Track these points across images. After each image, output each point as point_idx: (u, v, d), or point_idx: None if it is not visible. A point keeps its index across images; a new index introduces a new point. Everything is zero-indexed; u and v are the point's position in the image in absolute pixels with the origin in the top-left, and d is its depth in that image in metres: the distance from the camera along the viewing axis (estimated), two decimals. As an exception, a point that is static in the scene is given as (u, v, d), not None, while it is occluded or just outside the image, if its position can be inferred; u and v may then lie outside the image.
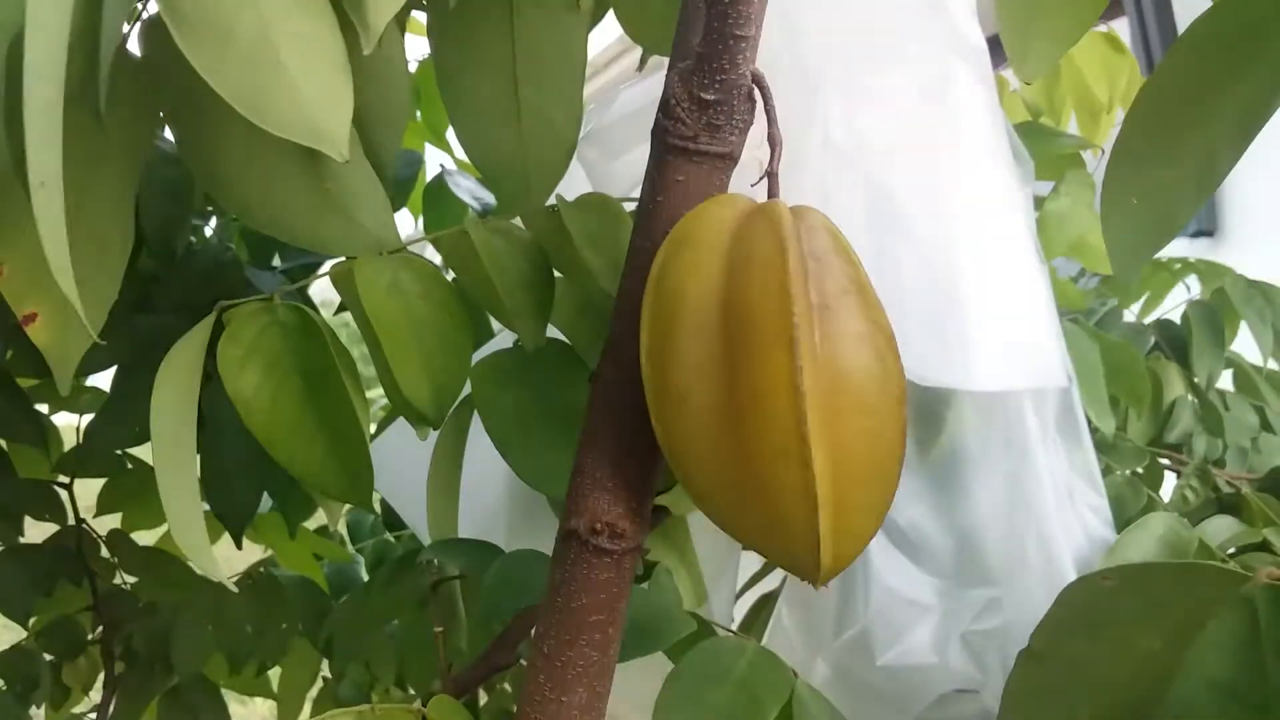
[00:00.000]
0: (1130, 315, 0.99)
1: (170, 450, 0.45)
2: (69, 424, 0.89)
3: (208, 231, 0.89)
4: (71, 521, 0.86)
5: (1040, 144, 0.83)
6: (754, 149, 0.36)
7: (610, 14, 0.53)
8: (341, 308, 0.52)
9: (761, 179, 0.33)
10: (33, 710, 0.89)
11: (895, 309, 0.53)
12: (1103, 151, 0.92)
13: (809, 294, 0.29)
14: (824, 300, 0.29)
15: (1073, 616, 0.36)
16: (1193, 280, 0.97)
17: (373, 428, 0.73)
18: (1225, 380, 0.93)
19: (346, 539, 1.13)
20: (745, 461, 0.29)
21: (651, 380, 0.31)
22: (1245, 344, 0.90)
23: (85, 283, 0.42)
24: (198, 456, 0.50)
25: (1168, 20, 1.94)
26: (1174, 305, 0.96)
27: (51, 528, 0.86)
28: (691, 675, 0.45)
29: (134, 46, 0.44)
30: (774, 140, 0.34)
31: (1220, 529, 0.66)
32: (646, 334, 0.32)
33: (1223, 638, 0.32)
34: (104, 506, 0.92)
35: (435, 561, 0.73)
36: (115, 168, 0.43)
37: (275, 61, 0.37)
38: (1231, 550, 0.66)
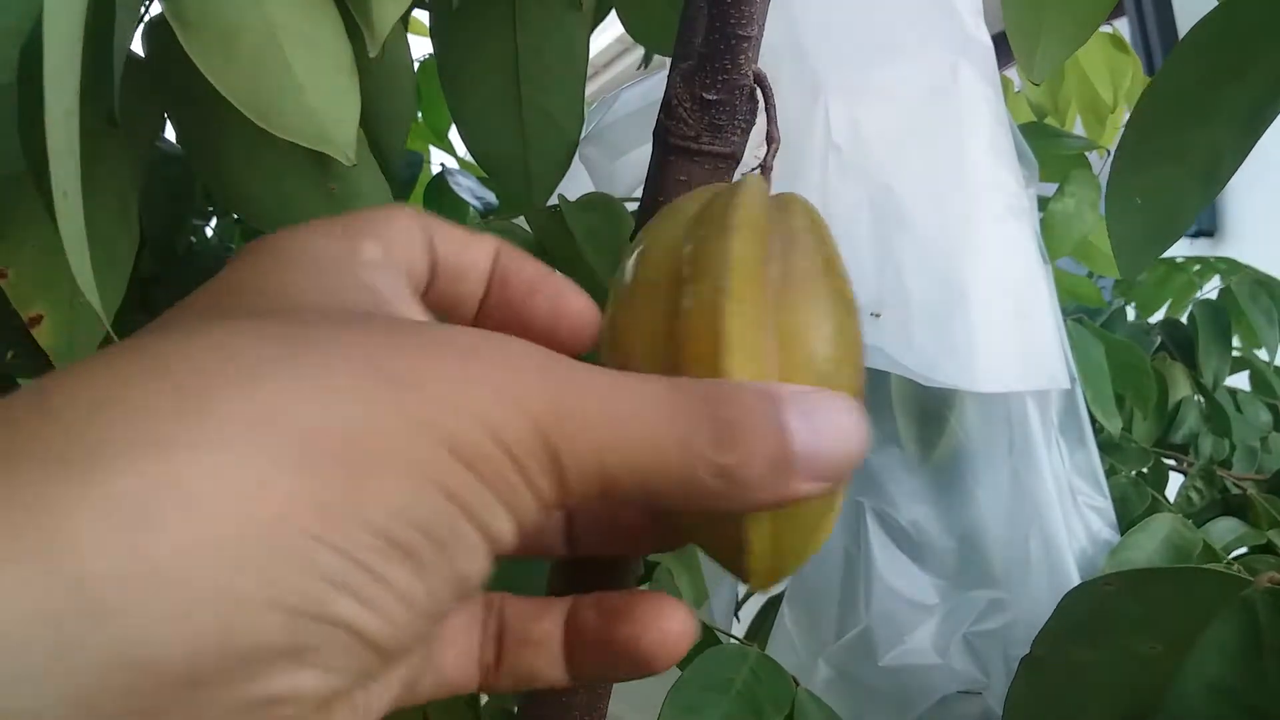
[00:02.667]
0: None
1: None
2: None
3: (208, 232, 0.89)
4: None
5: (1045, 145, 0.82)
6: (755, 149, 0.36)
7: (611, 14, 0.53)
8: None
9: (753, 170, 0.33)
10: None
11: (899, 309, 0.54)
12: (1108, 152, 0.91)
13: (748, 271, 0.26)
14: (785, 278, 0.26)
15: (1074, 622, 0.36)
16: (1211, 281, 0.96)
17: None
18: (1241, 380, 0.93)
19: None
20: None
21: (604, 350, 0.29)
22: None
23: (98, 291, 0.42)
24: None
25: (1168, 20, 1.94)
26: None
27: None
28: (694, 685, 0.45)
29: (136, 47, 0.44)
30: (771, 138, 0.34)
31: (1225, 530, 0.66)
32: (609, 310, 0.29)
33: (1223, 641, 0.32)
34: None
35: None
36: (119, 168, 0.43)
37: (282, 65, 0.37)
38: (1238, 552, 0.65)
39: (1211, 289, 0.94)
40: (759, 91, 0.34)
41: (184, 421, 0.15)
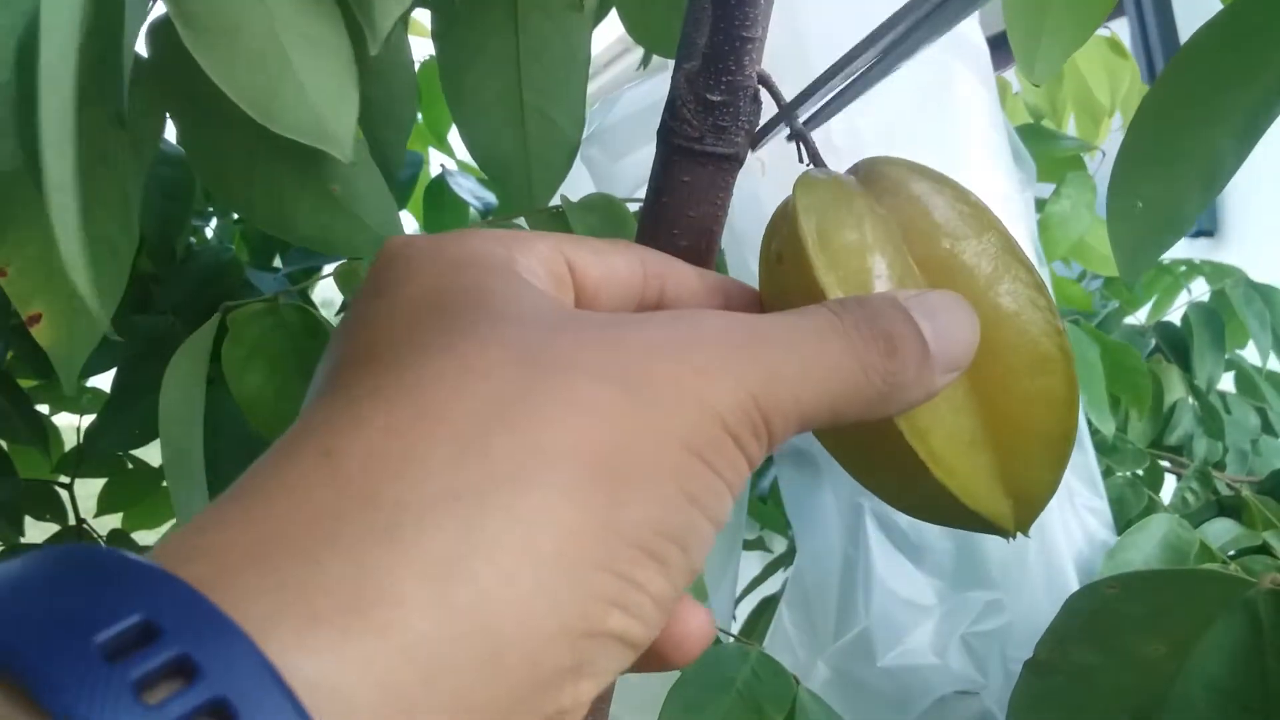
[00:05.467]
0: (1137, 319, 0.99)
1: (178, 451, 0.45)
2: (69, 424, 0.89)
3: (208, 232, 0.89)
4: (72, 522, 0.86)
5: (1041, 146, 0.83)
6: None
7: (611, 13, 0.53)
8: (344, 308, 0.52)
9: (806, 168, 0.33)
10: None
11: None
12: (1102, 153, 0.92)
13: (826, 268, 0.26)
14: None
15: (1077, 625, 0.36)
16: (1195, 282, 0.97)
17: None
18: (1228, 382, 0.94)
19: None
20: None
21: None
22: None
23: (93, 283, 0.42)
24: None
25: (1168, 21, 1.94)
26: (1175, 307, 0.96)
27: (52, 528, 0.86)
28: (695, 684, 0.45)
29: (140, 48, 0.44)
30: (799, 134, 0.34)
31: (1220, 532, 0.66)
32: None
33: (1224, 641, 0.33)
34: (104, 507, 0.92)
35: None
36: (122, 168, 0.43)
37: (283, 62, 0.37)
38: (1231, 553, 0.66)
39: (1200, 292, 0.95)
40: (764, 92, 0.34)
41: (467, 470, 0.17)
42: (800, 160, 0.34)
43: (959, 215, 0.28)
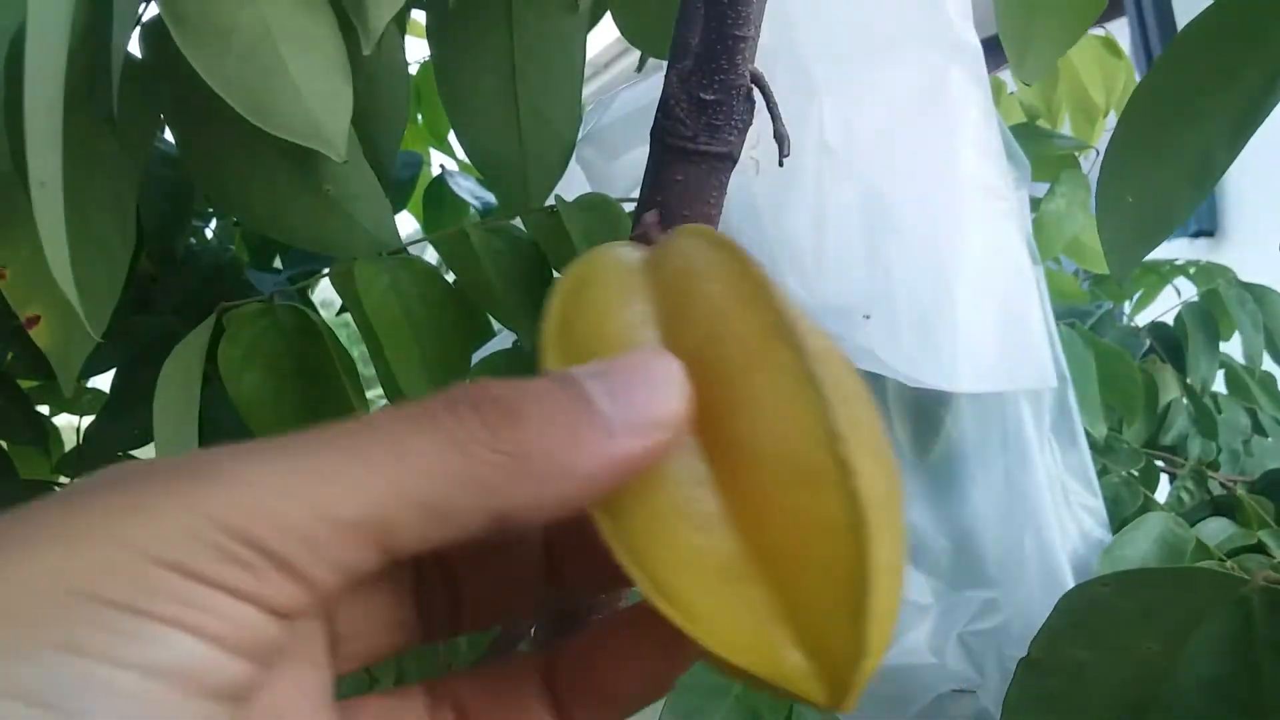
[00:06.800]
0: (1124, 311, 0.99)
1: (174, 453, 0.45)
2: (69, 425, 0.89)
3: (208, 233, 0.89)
4: (70, 523, 0.86)
5: (1036, 145, 0.83)
6: (749, 149, 0.36)
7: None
8: (343, 309, 0.52)
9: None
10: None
11: (887, 310, 0.54)
12: (1096, 152, 0.92)
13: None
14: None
15: (1072, 623, 0.36)
16: (1184, 281, 0.97)
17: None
18: (1219, 382, 0.94)
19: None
20: None
21: None
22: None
23: (88, 285, 0.42)
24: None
25: (1168, 21, 1.94)
26: (1170, 307, 0.97)
27: (50, 529, 0.86)
28: (693, 690, 0.45)
29: (134, 49, 0.44)
30: (780, 136, 0.34)
31: (1216, 531, 0.66)
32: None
33: (1217, 638, 0.33)
34: (103, 508, 0.92)
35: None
36: (116, 169, 0.43)
37: (276, 62, 0.37)
38: (1226, 552, 0.66)
39: (1188, 292, 0.95)
40: (757, 91, 0.34)
41: None
42: (780, 164, 0.34)
43: (734, 294, 0.22)
